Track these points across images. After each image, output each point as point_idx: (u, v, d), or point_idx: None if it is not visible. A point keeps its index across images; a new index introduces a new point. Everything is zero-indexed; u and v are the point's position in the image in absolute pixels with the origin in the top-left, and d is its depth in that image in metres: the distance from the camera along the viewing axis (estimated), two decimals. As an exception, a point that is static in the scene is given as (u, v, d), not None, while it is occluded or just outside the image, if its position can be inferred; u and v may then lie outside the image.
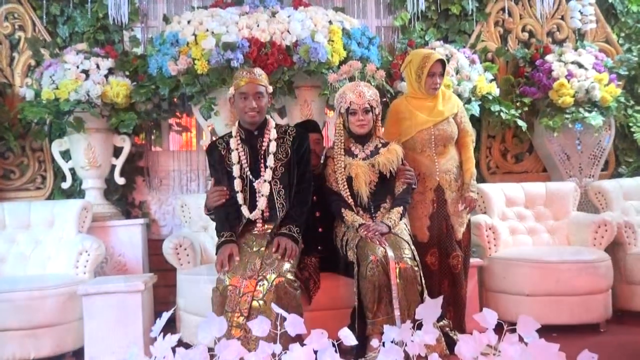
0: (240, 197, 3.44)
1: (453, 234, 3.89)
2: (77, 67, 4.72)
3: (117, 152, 5.16)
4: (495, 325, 2.14)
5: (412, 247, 3.49)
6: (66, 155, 5.13)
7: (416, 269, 3.37)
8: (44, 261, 4.43)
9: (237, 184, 3.45)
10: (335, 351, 2.08)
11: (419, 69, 3.89)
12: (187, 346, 2.24)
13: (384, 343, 2.16)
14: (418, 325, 2.23)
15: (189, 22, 4.66)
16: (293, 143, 3.52)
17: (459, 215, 3.91)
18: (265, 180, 3.43)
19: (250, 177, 3.46)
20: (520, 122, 5.27)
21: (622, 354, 3.79)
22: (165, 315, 2.20)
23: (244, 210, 3.43)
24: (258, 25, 4.55)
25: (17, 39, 5.26)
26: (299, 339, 2.22)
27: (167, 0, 5.58)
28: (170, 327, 3.65)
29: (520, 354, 2.05)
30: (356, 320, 3.38)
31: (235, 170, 3.46)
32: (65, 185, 5.13)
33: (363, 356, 3.31)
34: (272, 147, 3.47)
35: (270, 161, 3.45)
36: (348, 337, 2.15)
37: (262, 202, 3.42)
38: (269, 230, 3.41)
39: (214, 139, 4.14)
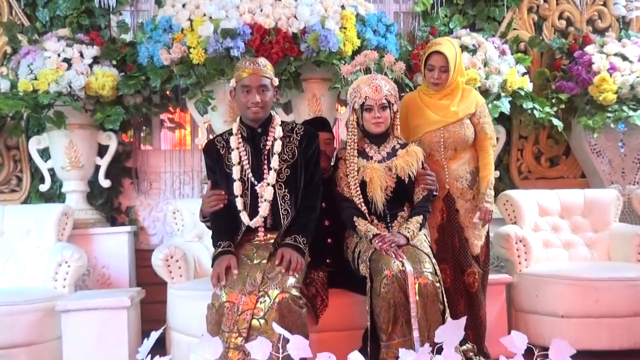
0: (239, 202, 3.44)
1: (468, 248, 3.89)
2: (58, 55, 4.75)
3: (101, 151, 5.19)
4: (525, 350, 2.14)
5: (434, 260, 3.48)
6: (45, 154, 5.16)
7: (438, 285, 3.35)
8: (19, 273, 4.45)
9: (237, 188, 3.45)
10: (345, 377, 2.08)
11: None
12: (179, 370, 2.24)
13: (399, 368, 2.16)
14: (438, 350, 2.23)
15: (184, 5, 4.68)
16: (301, 142, 3.52)
17: (475, 226, 3.90)
18: (268, 184, 3.43)
19: (252, 179, 3.46)
20: (555, 122, 5.25)
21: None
22: (154, 335, 2.20)
23: (244, 217, 3.43)
24: (261, 10, 4.56)
25: (-9, 23, 5.30)
26: (304, 363, 2.23)
27: (160, -19, 5.61)
28: (160, 348, 3.65)
29: (553, 383, 2.05)
30: (369, 342, 3.38)
31: (235, 172, 3.46)
32: (44, 187, 5.16)
33: (376, 383, 3.32)
34: (277, 146, 3.48)
35: (275, 162, 3.45)
36: (359, 362, 2.15)
37: (264, 208, 3.42)
38: (272, 240, 3.41)
39: (211, 137, 4.15)
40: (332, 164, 3.94)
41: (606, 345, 4.26)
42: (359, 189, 3.63)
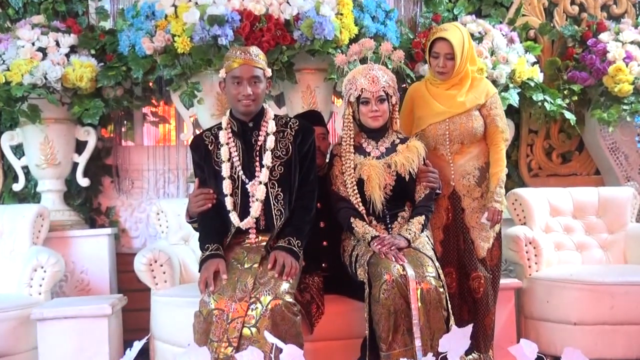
0: (229, 202, 3.45)
1: (474, 251, 3.90)
2: (33, 44, 4.75)
3: (79, 147, 5.19)
4: (536, 359, 2.16)
5: (437, 264, 3.49)
6: (18, 150, 5.16)
7: (441, 290, 3.35)
8: (-9, 278, 4.46)
9: (227, 186, 3.46)
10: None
11: (426, 48, 3.94)
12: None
13: (401, 380, 2.17)
14: None
15: (168, -10, 4.69)
16: (295, 138, 3.54)
17: (482, 227, 3.91)
18: (260, 182, 3.44)
19: (243, 177, 3.47)
20: (568, 115, 5.27)
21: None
22: (137, 345, 2.21)
23: (234, 217, 3.44)
24: (251, -5, 4.57)
25: (-41, 10, 5.30)
26: (299, 374, 2.24)
27: (142, -37, 5.61)
28: (143, 359, 3.68)
29: (565, 394, 2.07)
30: (367, 352, 3.39)
31: (225, 170, 3.47)
32: (17, 187, 5.16)
33: (375, 396, 3.34)
34: (270, 142, 3.49)
35: (267, 159, 3.46)
36: (357, 373, 2.16)
37: (256, 209, 3.43)
38: (264, 243, 3.43)
39: (197, 131, 4.16)
40: (327, 160, 3.95)
41: (622, 354, 4.27)
42: (355, 187, 3.63)
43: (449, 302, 3.41)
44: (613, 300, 4.29)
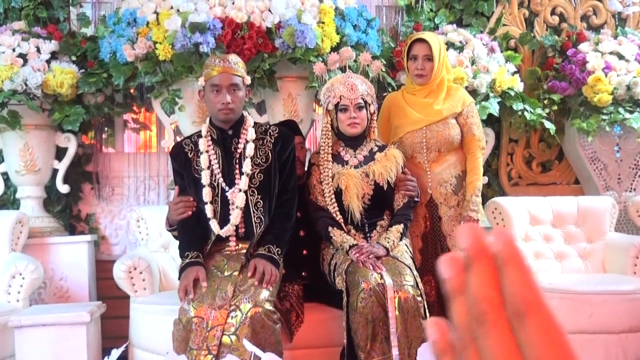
0: (209, 210, 3.46)
1: None
2: (13, 50, 4.74)
3: (60, 153, 5.18)
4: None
5: (415, 272, 3.52)
6: (-2, 156, 5.15)
7: (419, 299, 3.38)
8: (-31, 285, 4.44)
9: (206, 194, 3.47)
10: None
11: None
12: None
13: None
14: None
15: (149, -3, 4.69)
16: (275, 145, 3.55)
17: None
18: (240, 190, 3.46)
19: (223, 185, 3.49)
20: (548, 124, 5.29)
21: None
22: (116, 353, 2.21)
23: (214, 225, 3.45)
24: (233, 3, 4.58)
25: (-61, 15, 5.28)
26: (277, 382, 2.25)
27: (124, -30, 5.61)
28: (122, 367, 3.66)
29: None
30: (345, 360, 3.42)
31: (205, 177, 3.48)
32: (-4, 193, 5.15)
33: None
34: (250, 149, 3.50)
35: (247, 166, 3.47)
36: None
37: (235, 216, 3.44)
38: (244, 251, 3.44)
39: (178, 139, 4.16)
40: (305, 169, 3.96)
41: (600, 363, 4.31)
42: (333, 197, 3.65)
43: (427, 310, 3.43)
44: (592, 309, 4.32)
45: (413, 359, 2.80)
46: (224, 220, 3.47)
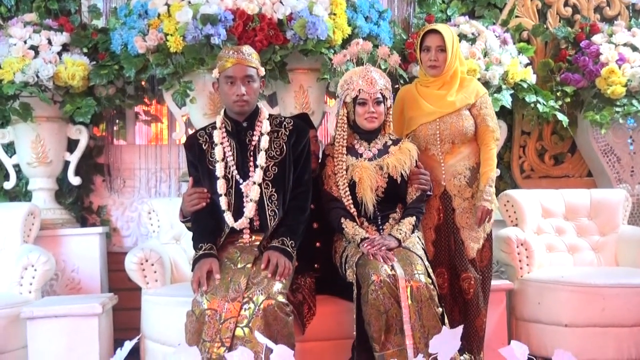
0: (223, 202, 3.46)
1: (464, 251, 3.91)
2: (25, 42, 4.74)
3: (71, 146, 5.19)
4: (526, 360, 2.17)
5: (427, 263, 3.51)
6: (10, 148, 5.16)
7: (432, 287, 3.37)
8: (-19, 277, 4.46)
9: (221, 186, 3.47)
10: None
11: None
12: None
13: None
14: (434, 360, 2.26)
15: (160, -11, 4.69)
16: (290, 138, 3.54)
17: (472, 228, 3.93)
18: (254, 182, 3.45)
19: (237, 177, 3.48)
20: (560, 116, 5.28)
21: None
22: (128, 345, 2.21)
23: (228, 217, 3.45)
24: (244, -6, 4.58)
25: (-50, 7, 5.29)
26: (290, 375, 2.25)
27: (135, -38, 5.60)
28: (133, 358, 3.68)
29: (556, 396, 2.08)
30: (355, 353, 3.42)
31: (219, 169, 3.48)
32: (8, 185, 5.16)
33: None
34: (264, 142, 3.49)
35: (262, 159, 3.47)
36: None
37: (250, 209, 3.44)
38: (258, 243, 3.43)
39: (190, 131, 4.15)
40: (319, 162, 3.95)
41: (613, 356, 4.29)
42: (347, 189, 3.65)
43: (441, 299, 3.43)
44: (604, 302, 4.31)
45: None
46: (238, 213, 3.46)
